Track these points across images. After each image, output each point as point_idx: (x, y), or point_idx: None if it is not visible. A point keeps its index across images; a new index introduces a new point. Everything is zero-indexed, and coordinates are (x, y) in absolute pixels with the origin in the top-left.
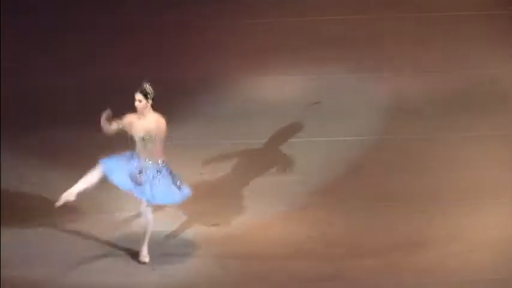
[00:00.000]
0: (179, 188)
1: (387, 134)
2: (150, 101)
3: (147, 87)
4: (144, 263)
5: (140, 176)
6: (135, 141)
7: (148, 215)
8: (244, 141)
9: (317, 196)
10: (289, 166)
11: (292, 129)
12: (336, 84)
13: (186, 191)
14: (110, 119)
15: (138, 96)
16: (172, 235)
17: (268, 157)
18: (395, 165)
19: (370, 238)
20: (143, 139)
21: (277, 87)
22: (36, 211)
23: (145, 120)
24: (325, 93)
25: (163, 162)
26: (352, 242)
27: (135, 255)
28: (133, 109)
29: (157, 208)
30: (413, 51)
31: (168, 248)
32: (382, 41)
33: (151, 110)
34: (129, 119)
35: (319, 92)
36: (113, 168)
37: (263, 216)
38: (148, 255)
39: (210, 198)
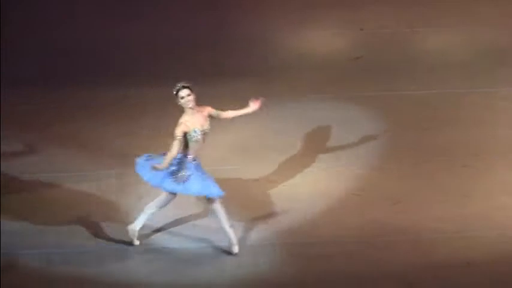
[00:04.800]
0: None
1: (434, 88)
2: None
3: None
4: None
5: (182, 174)
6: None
7: (217, 208)
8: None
9: (368, 152)
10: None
11: (339, 84)
12: (384, 39)
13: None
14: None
15: (185, 91)
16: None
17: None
18: (444, 119)
19: (417, 192)
20: (205, 133)
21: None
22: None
23: (200, 113)
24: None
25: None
26: (399, 195)
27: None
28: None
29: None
30: (468, 6)
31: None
32: None
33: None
34: (188, 121)
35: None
36: (146, 167)
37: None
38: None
39: None
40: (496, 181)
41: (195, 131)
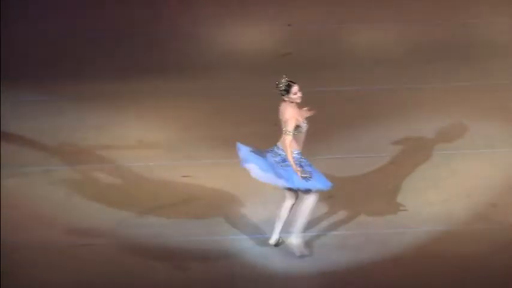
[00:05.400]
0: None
1: (362, 85)
2: None
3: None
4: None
5: (304, 169)
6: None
7: (309, 200)
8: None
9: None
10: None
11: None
12: (312, 35)
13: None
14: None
15: (296, 87)
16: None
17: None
18: (372, 116)
19: (347, 187)
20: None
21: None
22: None
23: (302, 110)
24: (300, 43)
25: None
26: (330, 190)
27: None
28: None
29: None
30: (398, 2)
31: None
32: None
33: None
34: (296, 114)
35: (293, 42)
36: (253, 160)
37: None
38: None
39: None
40: (423, 177)
41: (304, 123)
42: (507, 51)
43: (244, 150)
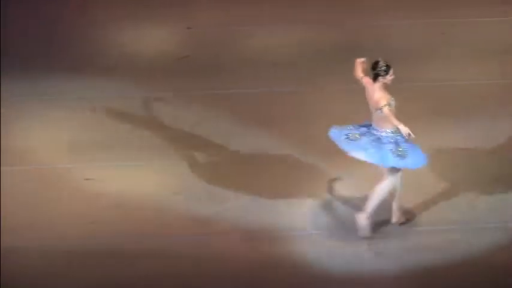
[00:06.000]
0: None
1: (261, 87)
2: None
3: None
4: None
5: (399, 148)
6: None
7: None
8: None
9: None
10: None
11: (163, 83)
12: (212, 38)
13: None
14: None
15: (392, 70)
16: None
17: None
18: (270, 118)
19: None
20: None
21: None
22: None
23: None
24: (199, 46)
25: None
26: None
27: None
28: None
29: None
30: (297, 4)
31: None
32: None
33: None
34: (385, 94)
35: (192, 45)
36: (356, 145)
37: None
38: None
39: None
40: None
41: (392, 100)
42: (411, 55)
43: (340, 142)
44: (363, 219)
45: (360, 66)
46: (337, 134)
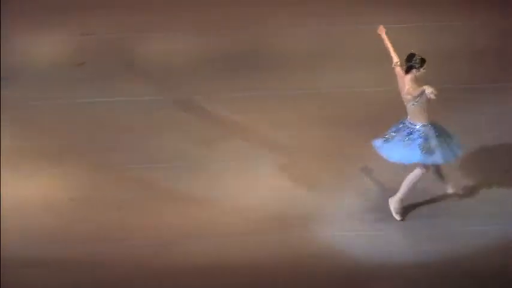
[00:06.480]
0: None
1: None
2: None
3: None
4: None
5: (428, 144)
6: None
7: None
8: None
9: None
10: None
11: (62, 92)
12: (107, 45)
13: None
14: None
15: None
16: None
17: None
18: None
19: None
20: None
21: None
22: None
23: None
24: (95, 53)
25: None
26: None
27: None
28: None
29: None
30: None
31: None
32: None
33: None
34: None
35: (87, 52)
36: (389, 146)
37: None
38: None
39: None
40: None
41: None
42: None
43: (381, 150)
44: (395, 203)
45: (383, 31)
46: (378, 140)
